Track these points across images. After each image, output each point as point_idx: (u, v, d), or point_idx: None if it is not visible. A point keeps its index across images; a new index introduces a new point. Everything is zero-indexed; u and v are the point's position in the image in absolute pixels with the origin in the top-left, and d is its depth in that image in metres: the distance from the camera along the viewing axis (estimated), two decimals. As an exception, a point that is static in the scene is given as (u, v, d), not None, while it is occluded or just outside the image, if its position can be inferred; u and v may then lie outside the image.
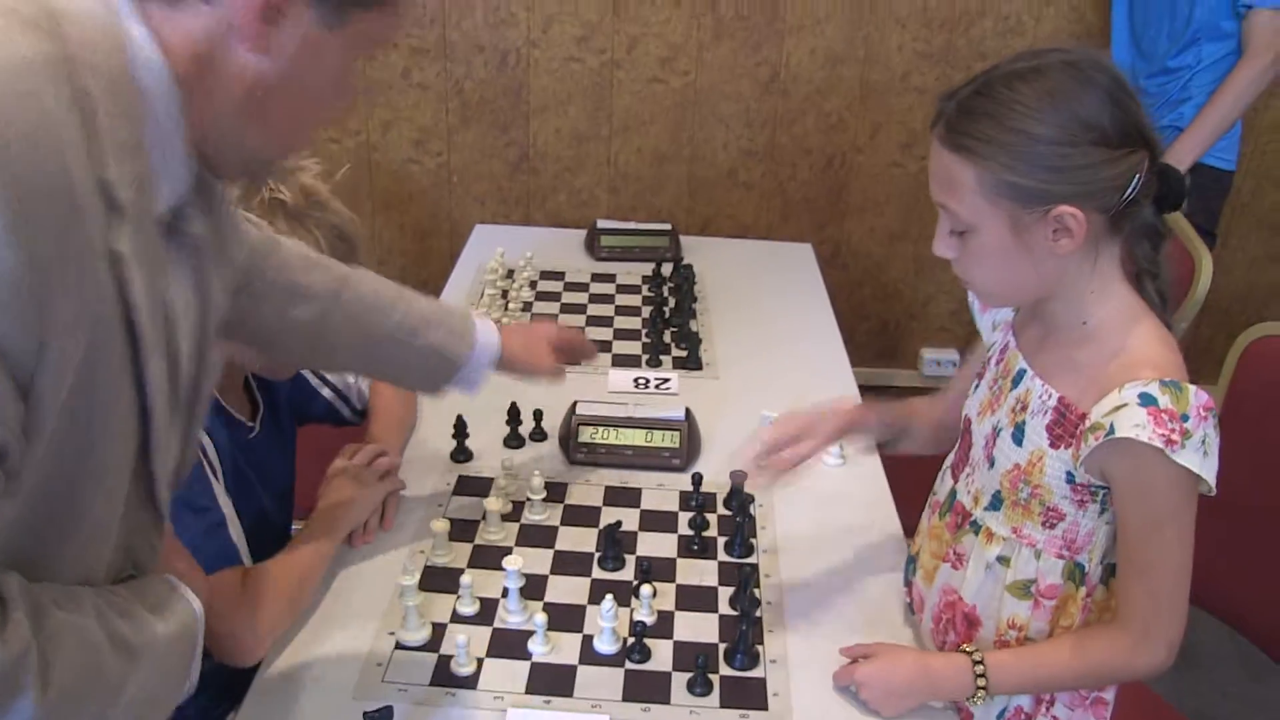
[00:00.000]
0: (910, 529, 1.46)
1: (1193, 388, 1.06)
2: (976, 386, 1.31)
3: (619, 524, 1.45)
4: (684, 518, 1.53)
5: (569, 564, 1.44)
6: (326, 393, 1.66)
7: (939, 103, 1.12)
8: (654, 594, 1.33)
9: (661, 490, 1.60)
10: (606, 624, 1.28)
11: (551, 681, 1.25)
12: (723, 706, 1.22)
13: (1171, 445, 1.03)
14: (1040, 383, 1.18)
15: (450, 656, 1.26)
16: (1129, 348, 1.12)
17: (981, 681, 1.18)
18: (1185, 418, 1.04)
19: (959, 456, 1.33)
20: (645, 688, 1.24)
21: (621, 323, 2.14)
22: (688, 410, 1.71)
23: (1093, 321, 1.15)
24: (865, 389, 1.91)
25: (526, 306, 2.18)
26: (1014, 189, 1.06)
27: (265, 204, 1.33)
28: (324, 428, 1.69)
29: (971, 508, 1.26)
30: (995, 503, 1.23)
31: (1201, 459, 1.05)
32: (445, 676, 1.24)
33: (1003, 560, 1.22)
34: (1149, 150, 1.08)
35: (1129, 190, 1.06)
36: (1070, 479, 1.15)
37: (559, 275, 2.34)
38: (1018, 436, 1.19)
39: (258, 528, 1.45)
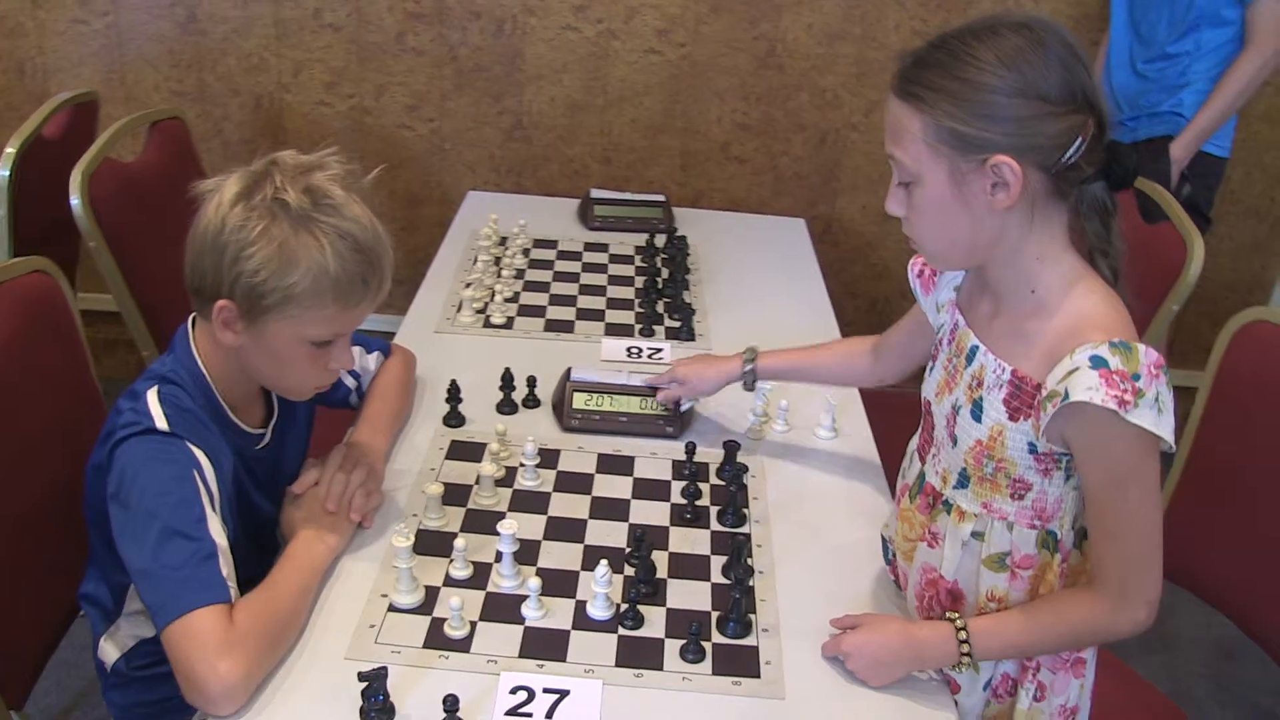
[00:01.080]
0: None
1: (1142, 346, 1.08)
2: (932, 369, 1.32)
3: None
4: (677, 486, 1.54)
5: (562, 530, 1.44)
6: (349, 381, 1.60)
7: (898, 60, 1.15)
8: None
9: (654, 459, 1.61)
10: (600, 590, 1.28)
11: (545, 646, 1.25)
12: (715, 673, 1.23)
13: (1125, 406, 1.05)
14: (993, 357, 1.19)
15: (443, 620, 1.26)
16: (1075, 312, 1.13)
17: (965, 649, 1.20)
18: (1137, 377, 1.06)
19: (923, 439, 1.34)
20: (638, 653, 1.24)
21: (615, 292, 2.14)
22: (681, 380, 1.71)
23: (1040, 289, 1.16)
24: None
25: (520, 274, 2.17)
26: (954, 136, 1.09)
27: (266, 203, 1.21)
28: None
29: (941, 488, 1.27)
30: (963, 480, 1.24)
31: (1156, 417, 1.06)
32: (439, 639, 1.24)
33: (977, 535, 1.23)
34: (1095, 118, 1.10)
35: (1069, 151, 1.08)
36: (1033, 449, 1.16)
37: (552, 244, 2.33)
38: (976, 413, 1.20)
39: (259, 531, 1.42)
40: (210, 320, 1.27)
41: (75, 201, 1.83)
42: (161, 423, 1.23)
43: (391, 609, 1.28)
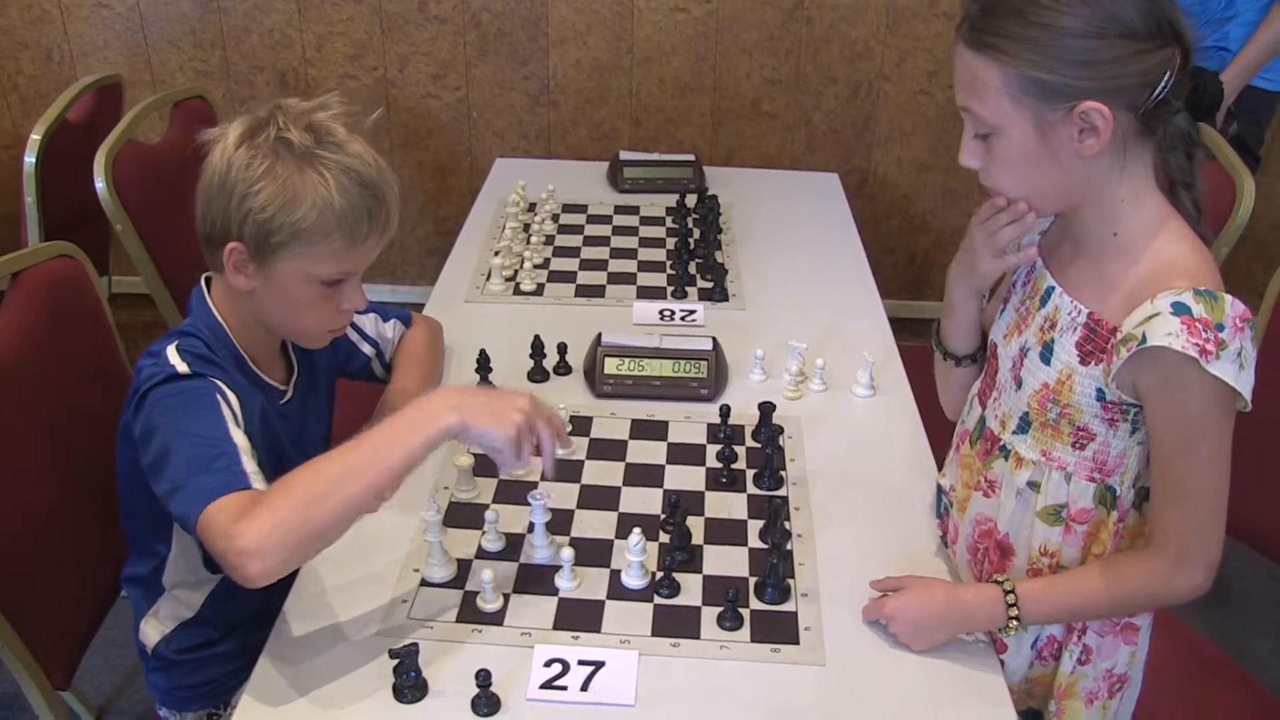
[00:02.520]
0: (941, 461, 1.43)
1: (1229, 297, 1.03)
2: (1002, 311, 1.28)
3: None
4: (712, 450, 1.51)
5: (595, 498, 1.42)
6: (367, 348, 1.59)
7: (964, 7, 1.09)
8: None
9: (689, 423, 1.58)
10: (635, 558, 1.26)
11: (579, 617, 1.23)
12: (754, 641, 1.20)
13: (1206, 355, 1.00)
14: (1069, 299, 1.15)
15: (476, 593, 1.25)
16: (1160, 257, 1.09)
17: (1014, 612, 1.16)
18: (1220, 327, 1.01)
19: (985, 383, 1.30)
20: (674, 622, 1.22)
21: (646, 255, 2.10)
22: (714, 340, 1.68)
23: (1123, 233, 1.11)
24: (894, 321, 1.87)
25: (549, 240, 2.14)
26: (1038, 85, 1.04)
27: (270, 143, 1.22)
28: (353, 383, 1.63)
29: (999, 432, 1.24)
30: (1023, 425, 1.20)
31: (1237, 371, 1.01)
32: (471, 613, 1.23)
33: (1033, 485, 1.20)
34: (1181, 48, 1.04)
35: (1159, 88, 1.03)
36: (1101, 396, 1.12)
37: (582, 208, 2.30)
38: (1046, 355, 1.16)
39: None
40: (223, 269, 1.27)
41: (100, 184, 1.82)
42: (182, 368, 1.22)
43: (423, 583, 1.27)
